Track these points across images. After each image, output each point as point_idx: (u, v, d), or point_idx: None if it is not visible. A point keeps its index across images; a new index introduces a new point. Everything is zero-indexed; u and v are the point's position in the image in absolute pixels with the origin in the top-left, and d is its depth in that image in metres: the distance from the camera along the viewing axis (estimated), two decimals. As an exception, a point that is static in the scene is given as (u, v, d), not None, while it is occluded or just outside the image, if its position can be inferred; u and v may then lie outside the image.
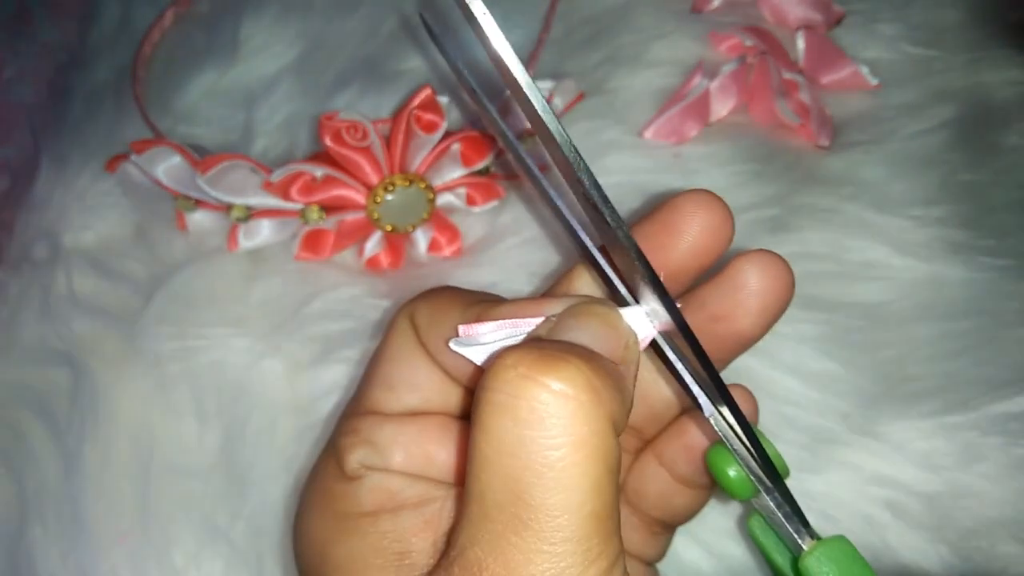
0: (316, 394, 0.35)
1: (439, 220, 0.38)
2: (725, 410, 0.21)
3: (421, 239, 0.38)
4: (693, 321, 0.21)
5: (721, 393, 0.21)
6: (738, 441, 0.22)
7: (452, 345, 0.22)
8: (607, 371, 0.18)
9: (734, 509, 0.33)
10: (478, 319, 0.22)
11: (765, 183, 0.40)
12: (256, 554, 0.32)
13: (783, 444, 0.33)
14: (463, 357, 0.21)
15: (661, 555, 0.27)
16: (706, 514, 0.32)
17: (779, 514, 0.22)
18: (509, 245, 0.38)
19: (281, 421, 0.34)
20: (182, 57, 0.45)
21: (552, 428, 0.17)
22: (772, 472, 0.22)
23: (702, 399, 0.22)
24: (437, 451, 0.23)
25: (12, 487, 0.33)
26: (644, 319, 0.21)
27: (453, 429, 0.23)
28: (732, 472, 0.23)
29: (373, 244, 0.38)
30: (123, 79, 0.44)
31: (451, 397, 0.24)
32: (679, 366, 0.22)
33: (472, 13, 0.19)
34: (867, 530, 0.32)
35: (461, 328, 0.22)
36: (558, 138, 0.19)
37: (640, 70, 0.43)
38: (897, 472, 0.33)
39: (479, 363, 0.21)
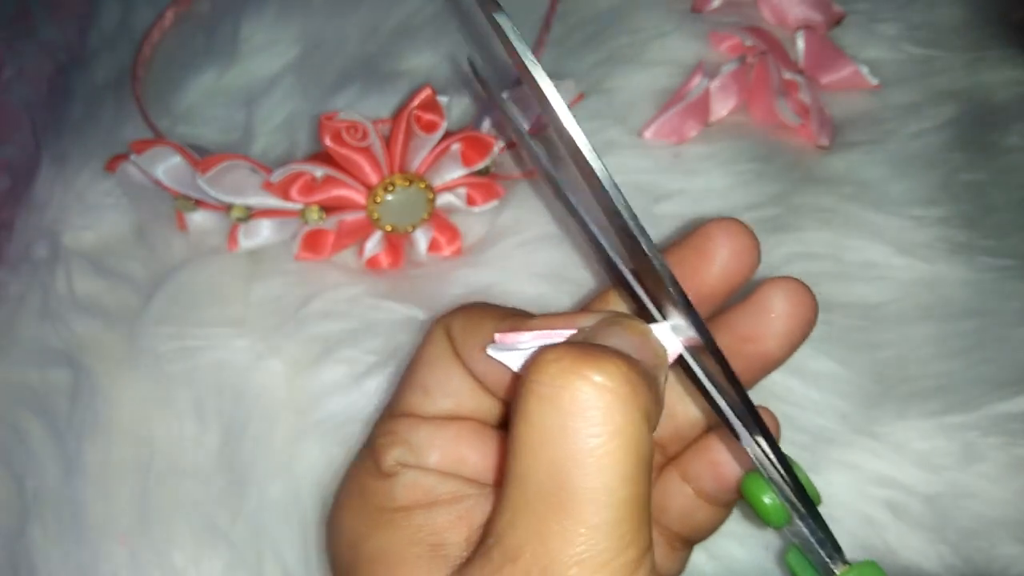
0: (316, 394, 0.35)
1: (439, 220, 0.38)
2: (760, 438, 0.23)
3: (421, 239, 0.38)
4: (722, 342, 0.23)
5: (754, 418, 0.22)
6: (772, 468, 0.23)
7: (489, 351, 0.23)
8: (642, 371, 0.20)
9: (735, 510, 0.33)
10: (512, 330, 0.23)
11: (765, 183, 0.40)
12: (256, 554, 0.32)
13: (783, 444, 0.33)
14: (497, 365, 0.23)
15: (679, 572, 0.27)
16: (706, 514, 0.33)
17: (812, 540, 0.23)
18: (509, 245, 0.38)
19: (281, 421, 0.34)
20: (182, 57, 0.45)
21: (592, 417, 0.18)
22: (805, 499, 0.23)
23: (738, 427, 0.23)
24: (469, 453, 0.24)
25: (12, 487, 0.33)
26: (671, 335, 0.22)
27: (484, 433, 0.25)
28: (768, 500, 0.24)
29: (373, 244, 0.38)
30: (123, 79, 0.44)
31: (482, 404, 0.25)
32: (714, 393, 0.23)
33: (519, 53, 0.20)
34: (867, 530, 0.32)
35: (497, 336, 0.23)
36: (599, 175, 0.21)
37: (640, 70, 0.43)
38: (897, 472, 0.33)
39: (515, 369, 0.22)
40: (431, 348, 0.25)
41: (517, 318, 0.23)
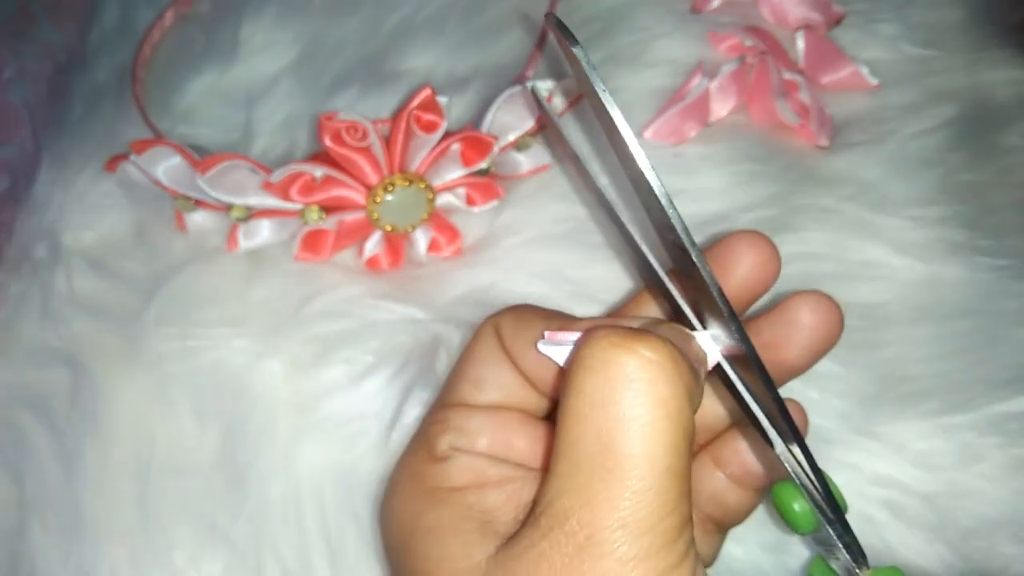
0: (316, 394, 0.35)
1: (439, 220, 0.38)
2: (793, 446, 0.24)
3: (421, 239, 0.38)
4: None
5: (789, 427, 0.23)
6: (803, 474, 0.24)
7: (540, 346, 0.24)
8: (685, 356, 0.21)
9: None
10: (561, 329, 0.24)
11: (765, 183, 0.40)
12: (256, 554, 0.32)
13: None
14: (544, 361, 0.24)
15: (712, 557, 0.28)
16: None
17: (839, 546, 0.24)
18: (509, 245, 0.38)
19: (281, 421, 0.34)
20: (182, 57, 0.45)
21: (638, 387, 0.20)
22: (834, 506, 0.24)
23: (773, 436, 0.24)
24: (517, 439, 0.26)
25: (12, 487, 0.33)
26: (711, 342, 0.24)
27: (531, 423, 0.26)
28: (798, 507, 0.25)
29: (373, 244, 0.38)
30: (123, 79, 0.44)
31: (529, 398, 0.26)
32: (750, 401, 0.24)
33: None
34: (866, 530, 0.32)
35: (547, 333, 0.24)
36: (658, 193, 0.22)
37: (640, 70, 0.43)
38: (896, 472, 0.33)
39: (562, 363, 0.24)
40: (481, 345, 0.26)
41: (565, 319, 0.25)
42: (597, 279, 0.37)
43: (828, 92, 0.44)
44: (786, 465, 0.24)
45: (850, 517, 0.32)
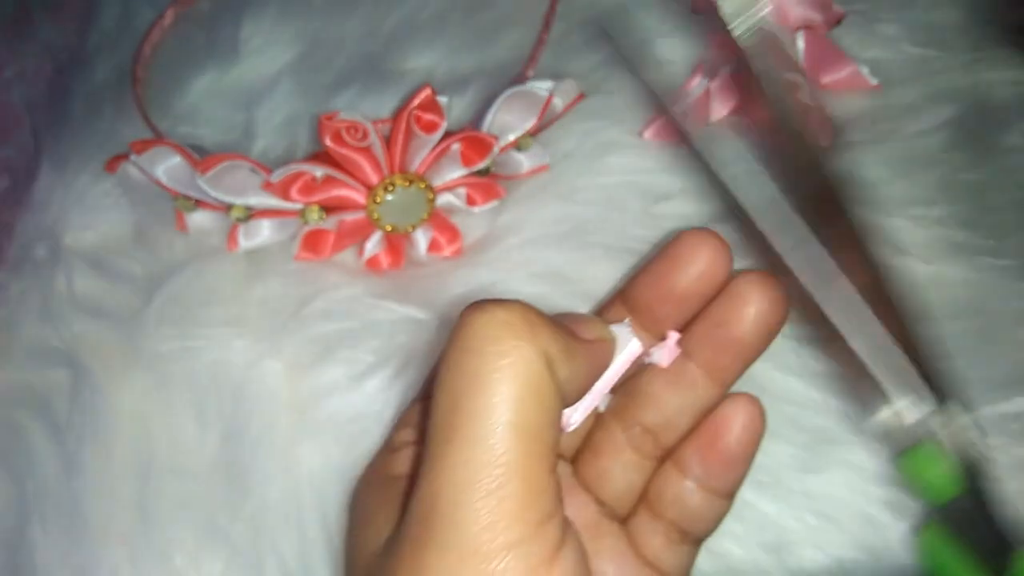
0: (316, 394, 0.35)
1: (439, 220, 0.38)
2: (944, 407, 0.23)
3: (421, 239, 0.38)
4: (699, 329, 0.26)
5: (937, 385, 0.23)
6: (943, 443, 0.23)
7: None
8: (555, 324, 0.21)
9: (735, 509, 0.33)
10: None
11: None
12: (256, 554, 0.32)
13: (783, 443, 0.34)
14: None
15: (684, 568, 0.27)
16: (706, 514, 0.33)
17: (990, 513, 0.23)
18: (509, 245, 0.38)
19: (281, 421, 0.34)
20: (182, 57, 0.45)
21: (484, 341, 0.19)
22: (981, 476, 0.23)
23: (912, 397, 0.23)
24: None
25: (12, 487, 0.33)
26: (627, 332, 0.25)
27: None
28: (940, 470, 0.23)
29: (373, 244, 0.38)
30: (123, 79, 0.44)
31: None
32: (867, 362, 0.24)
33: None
34: (867, 530, 0.32)
35: None
36: None
37: (640, 70, 0.43)
38: (897, 472, 0.33)
39: None
40: None
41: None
42: (597, 279, 0.37)
43: (828, 92, 0.44)
44: (930, 428, 0.23)
45: (851, 517, 0.33)
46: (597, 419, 0.28)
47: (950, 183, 0.40)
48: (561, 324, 0.21)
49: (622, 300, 0.28)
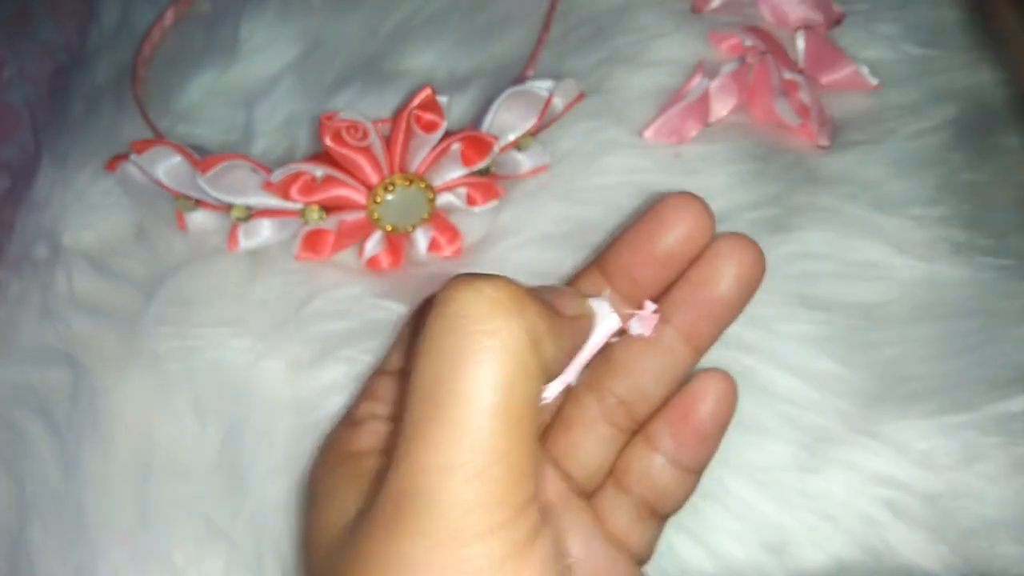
0: (316, 394, 0.35)
1: (439, 220, 0.38)
2: None
3: (421, 239, 0.38)
4: (679, 292, 0.25)
5: None
6: None
7: None
8: (541, 303, 0.20)
9: (735, 509, 0.33)
10: None
11: (765, 183, 0.40)
12: (256, 554, 0.32)
13: (783, 443, 0.34)
14: None
15: (647, 549, 0.27)
16: (707, 514, 0.33)
17: None
18: (509, 245, 0.38)
19: (281, 421, 0.34)
20: (182, 57, 0.45)
21: (470, 318, 0.19)
22: None
23: None
24: None
25: (12, 487, 0.33)
26: (606, 307, 0.24)
27: None
28: None
29: (373, 244, 0.38)
30: (123, 79, 0.44)
31: None
32: None
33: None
34: (867, 530, 0.32)
35: None
36: None
37: (640, 70, 0.43)
38: (897, 472, 0.33)
39: None
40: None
41: None
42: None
43: (828, 92, 0.44)
44: None
45: (851, 517, 0.33)
46: (570, 392, 0.27)
47: (950, 183, 0.40)
48: (545, 301, 0.21)
49: (599, 266, 0.27)
